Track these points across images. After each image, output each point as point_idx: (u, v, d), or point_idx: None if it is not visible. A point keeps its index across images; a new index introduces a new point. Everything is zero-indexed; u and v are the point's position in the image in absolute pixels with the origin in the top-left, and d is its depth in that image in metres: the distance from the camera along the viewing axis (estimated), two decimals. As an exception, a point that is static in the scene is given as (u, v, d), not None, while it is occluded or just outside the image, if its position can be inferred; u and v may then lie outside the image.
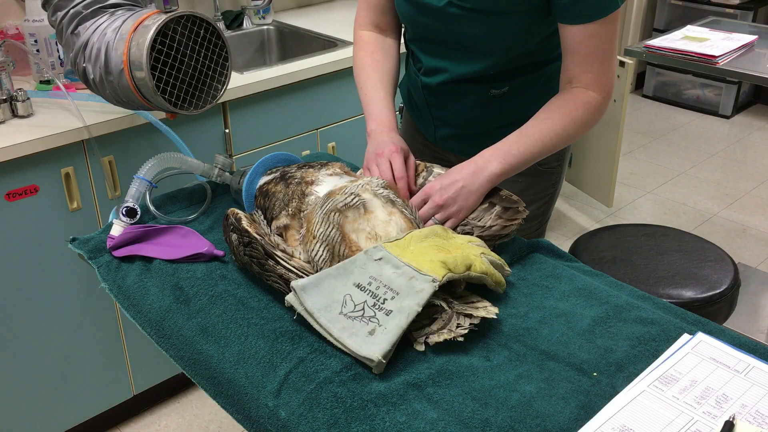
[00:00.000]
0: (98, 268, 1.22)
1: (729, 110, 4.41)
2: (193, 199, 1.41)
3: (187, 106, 1.43)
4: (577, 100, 1.26)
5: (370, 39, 1.48)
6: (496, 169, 1.22)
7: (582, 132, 1.29)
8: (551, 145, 1.26)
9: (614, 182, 3.12)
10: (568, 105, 1.26)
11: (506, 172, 1.23)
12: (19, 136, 1.73)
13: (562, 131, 1.26)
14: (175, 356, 1.07)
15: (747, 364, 0.94)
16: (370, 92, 1.40)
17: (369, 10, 1.48)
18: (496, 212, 1.21)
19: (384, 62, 1.45)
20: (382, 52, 1.46)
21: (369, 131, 1.35)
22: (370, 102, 1.39)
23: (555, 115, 1.26)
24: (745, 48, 2.55)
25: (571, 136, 1.27)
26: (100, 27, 1.43)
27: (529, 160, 1.26)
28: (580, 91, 1.27)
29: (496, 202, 1.22)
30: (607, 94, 1.28)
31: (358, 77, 1.45)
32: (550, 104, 1.29)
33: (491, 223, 1.20)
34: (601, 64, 1.25)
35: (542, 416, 0.87)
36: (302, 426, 0.89)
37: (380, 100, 1.38)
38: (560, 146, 1.29)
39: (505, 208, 1.21)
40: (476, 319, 0.98)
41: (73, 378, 2.02)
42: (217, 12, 2.56)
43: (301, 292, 1.01)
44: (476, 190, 1.20)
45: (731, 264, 1.82)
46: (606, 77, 1.26)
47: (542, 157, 1.28)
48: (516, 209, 1.20)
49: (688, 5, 4.44)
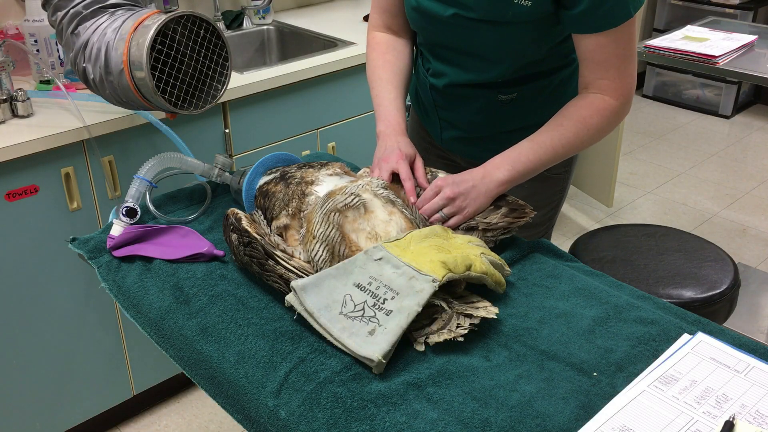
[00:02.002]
0: (98, 268, 1.22)
1: (729, 110, 4.41)
2: (193, 199, 1.41)
3: (187, 106, 1.43)
4: (592, 107, 1.24)
5: (383, 40, 1.48)
6: (505, 176, 1.22)
7: (596, 139, 1.26)
8: (563, 153, 1.25)
9: (614, 182, 3.12)
10: (582, 111, 1.24)
11: (514, 179, 1.23)
12: (19, 136, 1.73)
13: (575, 138, 1.24)
14: (175, 356, 1.07)
15: (747, 364, 0.94)
16: (380, 93, 1.40)
17: (381, 13, 1.48)
18: (502, 212, 1.21)
19: (395, 63, 1.44)
20: (394, 52, 1.46)
21: (378, 132, 1.35)
22: (380, 103, 1.39)
23: (568, 122, 1.24)
24: (745, 48, 2.54)
25: (584, 142, 1.26)
26: (100, 27, 1.43)
27: (539, 168, 1.25)
28: (596, 97, 1.24)
29: (502, 205, 1.22)
30: (626, 100, 1.25)
31: (371, 77, 1.45)
32: (565, 110, 1.27)
33: (498, 221, 1.20)
34: (617, 70, 1.22)
35: (542, 416, 0.87)
36: (302, 426, 0.89)
37: (390, 101, 1.38)
38: (573, 153, 1.27)
39: (512, 209, 1.21)
40: (476, 319, 0.98)
41: (73, 378, 2.02)
42: (217, 12, 2.56)
43: (301, 292, 1.01)
44: (485, 193, 1.21)
45: (731, 264, 1.82)
46: (624, 82, 1.23)
47: (554, 163, 1.27)
48: (522, 210, 1.21)
49: (688, 5, 4.44)
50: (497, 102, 1.39)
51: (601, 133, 1.26)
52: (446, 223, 1.20)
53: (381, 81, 1.42)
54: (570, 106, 1.27)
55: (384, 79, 1.42)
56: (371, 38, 1.50)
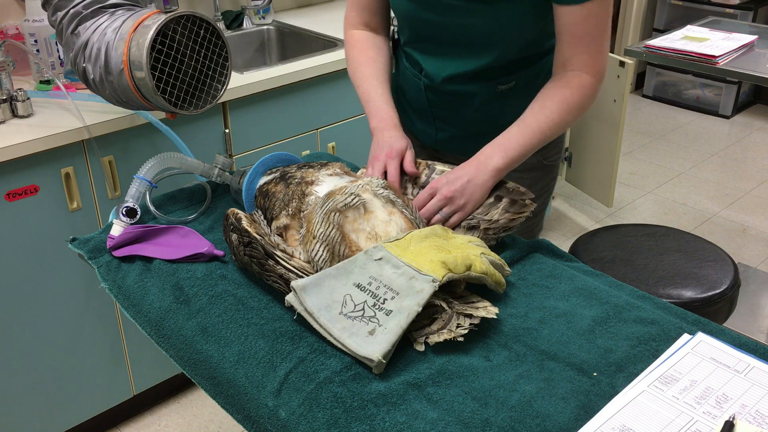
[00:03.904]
0: (98, 268, 1.22)
1: (729, 110, 4.41)
2: (193, 199, 1.41)
3: (187, 106, 1.43)
4: (572, 85, 1.27)
5: (362, 37, 1.49)
6: (499, 164, 1.23)
7: (578, 116, 1.30)
8: (549, 134, 1.28)
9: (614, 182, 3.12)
10: (563, 91, 1.27)
11: (508, 165, 1.24)
12: (19, 136, 1.73)
13: (559, 119, 1.27)
14: (175, 356, 1.07)
15: (747, 364, 0.94)
16: (368, 89, 1.41)
17: (359, 11, 1.49)
18: (503, 206, 1.21)
19: (378, 59, 1.45)
20: (375, 49, 1.47)
21: (372, 129, 1.36)
22: (369, 99, 1.40)
23: (551, 103, 1.27)
24: (745, 48, 2.55)
25: (567, 122, 1.29)
26: (100, 27, 1.43)
27: (529, 152, 1.27)
28: (573, 75, 1.27)
29: (503, 195, 1.22)
30: (601, 77, 1.29)
31: (355, 75, 1.46)
32: (544, 92, 1.29)
33: (498, 217, 1.20)
34: (595, 45, 1.25)
35: (542, 416, 0.87)
36: (302, 426, 0.89)
37: (379, 96, 1.39)
38: (558, 133, 1.30)
39: (512, 202, 1.21)
40: (476, 319, 0.98)
41: (73, 378, 2.02)
42: (217, 12, 2.56)
43: (301, 292, 1.01)
44: (482, 184, 1.21)
45: (731, 264, 1.82)
46: (600, 58, 1.27)
47: (542, 146, 1.29)
48: (523, 202, 1.21)
49: (688, 5, 4.44)
50: (497, 93, 1.40)
51: (582, 111, 1.30)
52: (448, 222, 1.20)
53: (367, 77, 1.42)
54: (550, 87, 1.29)
55: (370, 75, 1.42)
56: (349, 36, 1.50)
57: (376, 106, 1.37)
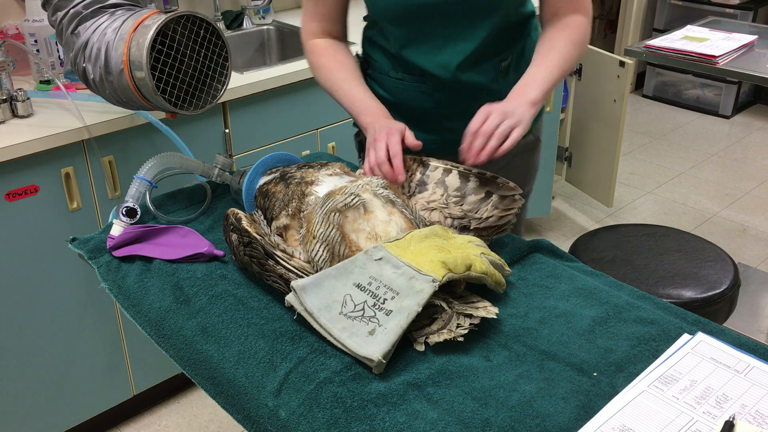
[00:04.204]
0: (98, 268, 1.22)
1: (729, 110, 4.41)
2: (193, 199, 1.41)
3: (187, 106, 1.43)
4: (570, 26, 1.37)
5: (327, 44, 1.48)
6: (535, 96, 1.28)
7: (581, 52, 1.39)
8: (565, 69, 1.35)
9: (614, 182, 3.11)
10: (564, 31, 1.36)
11: (542, 98, 1.30)
12: (19, 136, 1.73)
13: (568, 54, 1.35)
14: (175, 356, 1.07)
15: (747, 364, 0.94)
16: (350, 91, 1.40)
17: (320, 21, 1.48)
18: (493, 202, 1.21)
19: (349, 62, 1.46)
20: (344, 53, 1.47)
21: (365, 126, 1.34)
22: (354, 100, 1.39)
23: (559, 42, 1.35)
24: (745, 48, 2.55)
25: (575, 58, 1.36)
26: (100, 27, 1.43)
27: (553, 86, 1.33)
28: (568, 18, 1.37)
29: (493, 191, 1.22)
30: (590, 14, 1.40)
31: (328, 82, 1.44)
32: (547, 35, 1.38)
33: (488, 215, 1.20)
34: None
35: (542, 416, 0.87)
36: (302, 426, 0.89)
37: (363, 94, 1.39)
38: (571, 69, 1.37)
39: (502, 197, 1.21)
40: (476, 319, 0.98)
41: (73, 378, 2.02)
42: (217, 12, 2.56)
43: (301, 292, 1.01)
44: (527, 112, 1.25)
45: (731, 264, 1.82)
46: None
47: (560, 81, 1.36)
48: (512, 198, 1.20)
49: (688, 5, 4.44)
50: (500, 71, 1.41)
51: (583, 48, 1.39)
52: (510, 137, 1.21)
53: (344, 80, 1.42)
54: (551, 31, 1.38)
55: (347, 78, 1.42)
56: (312, 46, 1.49)
57: (364, 104, 1.37)
